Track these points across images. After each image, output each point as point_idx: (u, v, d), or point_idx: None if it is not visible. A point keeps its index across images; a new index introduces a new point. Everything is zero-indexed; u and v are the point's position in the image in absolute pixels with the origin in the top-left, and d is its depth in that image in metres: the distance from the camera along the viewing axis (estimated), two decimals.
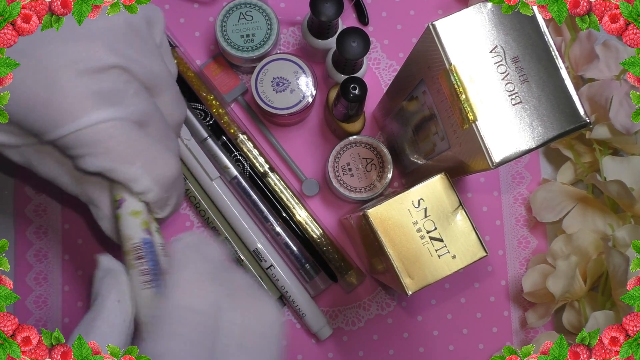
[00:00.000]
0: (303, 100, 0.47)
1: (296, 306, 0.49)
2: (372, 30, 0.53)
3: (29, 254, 0.49)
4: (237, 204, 0.49)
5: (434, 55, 0.32)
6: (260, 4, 0.48)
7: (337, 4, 0.44)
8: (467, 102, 0.31)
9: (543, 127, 0.31)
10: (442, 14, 0.53)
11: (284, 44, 0.52)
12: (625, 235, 0.44)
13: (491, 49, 0.31)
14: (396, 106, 0.43)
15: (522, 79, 0.31)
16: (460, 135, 0.33)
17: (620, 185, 0.43)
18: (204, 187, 0.49)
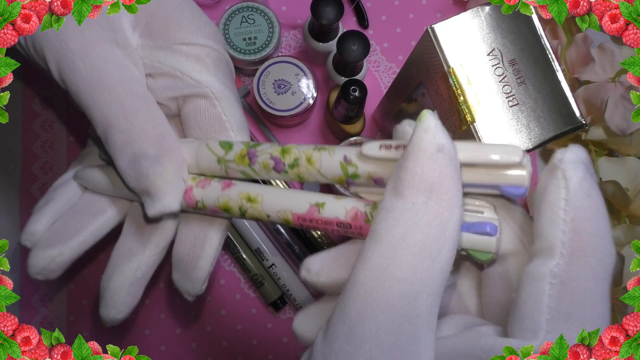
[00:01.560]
0: (304, 102, 0.47)
1: (297, 304, 0.48)
2: (372, 34, 0.52)
3: None
4: None
5: (433, 58, 0.32)
6: (262, 7, 0.47)
7: (338, 8, 0.44)
8: (466, 104, 0.31)
9: (540, 128, 0.31)
10: (440, 17, 0.52)
11: (285, 47, 0.52)
12: (621, 235, 0.44)
13: (489, 51, 0.31)
14: (395, 108, 0.42)
15: (519, 81, 0.31)
16: (459, 136, 0.33)
17: (616, 185, 0.43)
18: None
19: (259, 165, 0.26)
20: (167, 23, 0.28)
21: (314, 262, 0.24)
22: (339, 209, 0.24)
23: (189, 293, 0.30)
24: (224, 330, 0.50)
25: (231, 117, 0.29)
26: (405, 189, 0.19)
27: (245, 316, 0.50)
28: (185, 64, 0.28)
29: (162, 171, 0.26)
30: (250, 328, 0.50)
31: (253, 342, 0.50)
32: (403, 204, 0.19)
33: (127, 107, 0.26)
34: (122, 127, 0.26)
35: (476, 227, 0.22)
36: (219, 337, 0.50)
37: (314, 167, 0.25)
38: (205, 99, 0.28)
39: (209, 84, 0.28)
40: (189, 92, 0.28)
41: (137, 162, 0.26)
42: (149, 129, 0.26)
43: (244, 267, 0.49)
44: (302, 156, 0.25)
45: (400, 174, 0.20)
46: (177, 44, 0.28)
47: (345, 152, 0.24)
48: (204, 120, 0.29)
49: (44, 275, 0.29)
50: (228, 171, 0.27)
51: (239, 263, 0.49)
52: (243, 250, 0.49)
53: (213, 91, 0.28)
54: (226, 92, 0.29)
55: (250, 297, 0.50)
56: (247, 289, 0.50)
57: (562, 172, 0.20)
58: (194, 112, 0.29)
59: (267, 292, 0.49)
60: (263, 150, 0.26)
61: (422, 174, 0.19)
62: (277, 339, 0.50)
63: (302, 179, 0.26)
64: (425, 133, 0.19)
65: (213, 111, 0.29)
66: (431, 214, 0.19)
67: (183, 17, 0.29)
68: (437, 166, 0.19)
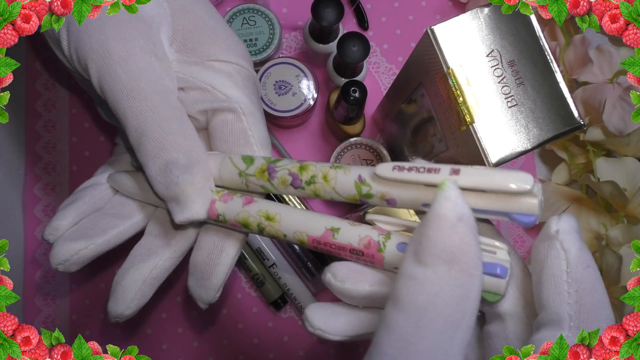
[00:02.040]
0: (305, 103, 0.47)
1: (298, 303, 0.48)
2: (372, 35, 0.52)
3: (37, 252, 0.49)
4: None
5: (432, 59, 0.32)
6: (263, 9, 0.47)
7: (338, 10, 0.44)
8: (465, 104, 0.31)
9: (538, 129, 0.31)
10: (440, 19, 0.52)
11: (286, 48, 0.52)
12: (618, 235, 0.44)
13: (488, 53, 0.31)
14: (395, 109, 0.42)
15: (518, 82, 0.31)
16: (458, 137, 0.32)
17: (614, 185, 0.43)
18: None
19: (278, 180, 0.27)
20: (202, 41, 0.30)
21: (341, 269, 0.24)
22: (353, 235, 0.24)
23: (202, 300, 0.30)
24: (225, 329, 0.50)
25: (256, 133, 0.30)
26: (427, 257, 0.19)
27: (246, 315, 0.50)
28: (216, 79, 0.29)
29: (192, 180, 0.26)
30: (251, 327, 0.50)
31: (254, 341, 0.50)
32: (424, 272, 0.19)
33: (162, 117, 0.27)
34: (156, 135, 0.27)
35: (487, 268, 0.22)
36: (220, 336, 0.49)
37: (330, 184, 0.25)
38: (233, 114, 0.29)
39: (238, 99, 0.29)
40: (219, 106, 0.29)
41: (167, 170, 0.27)
42: (181, 139, 0.27)
43: (245, 266, 0.49)
44: (319, 173, 0.26)
45: (421, 241, 0.20)
46: (210, 61, 0.30)
47: (360, 172, 0.25)
48: (230, 134, 0.30)
49: (65, 267, 0.29)
50: (248, 184, 0.28)
51: (240, 262, 0.49)
52: (244, 250, 0.49)
53: (241, 106, 0.29)
54: (253, 108, 0.30)
55: (251, 297, 0.50)
56: (248, 288, 0.50)
57: (560, 243, 0.21)
58: (221, 125, 0.30)
59: (268, 292, 0.49)
60: (282, 166, 0.27)
61: (443, 242, 0.19)
62: (278, 338, 0.50)
63: (319, 195, 0.26)
64: (447, 202, 0.19)
65: (239, 126, 0.30)
66: (453, 283, 0.19)
67: (217, 36, 0.30)
68: (458, 235, 0.19)
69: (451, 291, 0.19)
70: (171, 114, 0.27)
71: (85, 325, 0.49)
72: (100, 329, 0.49)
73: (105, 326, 0.49)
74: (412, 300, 0.19)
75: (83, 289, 0.49)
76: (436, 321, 0.19)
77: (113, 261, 0.49)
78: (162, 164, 0.27)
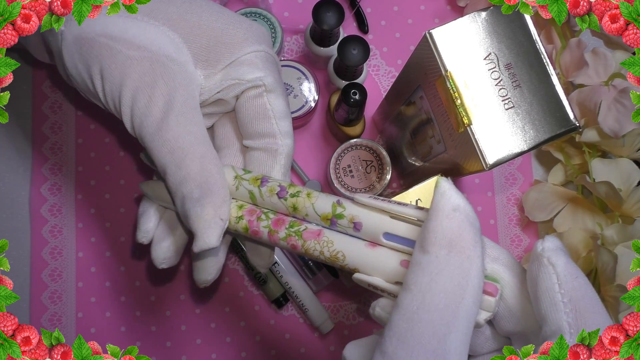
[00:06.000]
0: (306, 105, 0.46)
1: (299, 301, 0.48)
2: (372, 38, 0.52)
3: (44, 251, 0.49)
4: None
5: (431, 62, 0.32)
6: (265, 13, 0.47)
7: (339, 14, 0.43)
8: (463, 106, 0.31)
9: (535, 130, 0.31)
10: (438, 22, 0.52)
11: (287, 51, 0.51)
12: (614, 234, 0.43)
13: (485, 56, 0.31)
14: (395, 111, 0.42)
15: (515, 84, 0.31)
16: (456, 138, 0.32)
17: (609, 186, 0.42)
18: None
19: (267, 188, 0.29)
20: (218, 51, 0.31)
21: (387, 302, 0.25)
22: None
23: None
24: (228, 327, 0.49)
25: (275, 107, 0.32)
26: (429, 245, 0.21)
27: (248, 313, 0.49)
28: (238, 72, 0.31)
29: (201, 212, 0.28)
30: (254, 324, 0.49)
31: (256, 338, 0.49)
32: (428, 257, 0.21)
33: (177, 157, 0.29)
34: (173, 172, 0.29)
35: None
36: (223, 333, 0.49)
37: (310, 200, 0.27)
38: (256, 89, 0.32)
39: (258, 79, 0.32)
40: (245, 87, 0.32)
41: (184, 204, 0.29)
42: (196, 170, 0.29)
43: (248, 265, 0.49)
44: (305, 191, 0.28)
45: (424, 234, 0.22)
46: (231, 61, 0.31)
47: (340, 198, 0.27)
48: (251, 108, 0.32)
49: (167, 263, 0.33)
50: (239, 187, 0.30)
51: (243, 261, 0.49)
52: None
53: (264, 82, 0.32)
54: (275, 84, 0.32)
55: (253, 295, 0.50)
56: (250, 286, 0.50)
57: (547, 259, 0.22)
58: (244, 101, 0.32)
59: (270, 290, 0.48)
60: (275, 179, 0.30)
61: (442, 231, 0.21)
62: (279, 335, 0.49)
63: (296, 209, 0.28)
64: (442, 196, 0.22)
65: (260, 101, 0.32)
66: (452, 264, 0.21)
67: (229, 36, 0.31)
68: (454, 223, 0.21)
69: (451, 271, 0.21)
70: (186, 148, 0.29)
71: (92, 323, 0.49)
72: (105, 326, 0.48)
73: (111, 324, 0.48)
74: (418, 282, 0.21)
75: (88, 287, 0.49)
76: (438, 296, 0.21)
77: (116, 260, 0.48)
78: (181, 198, 0.29)
